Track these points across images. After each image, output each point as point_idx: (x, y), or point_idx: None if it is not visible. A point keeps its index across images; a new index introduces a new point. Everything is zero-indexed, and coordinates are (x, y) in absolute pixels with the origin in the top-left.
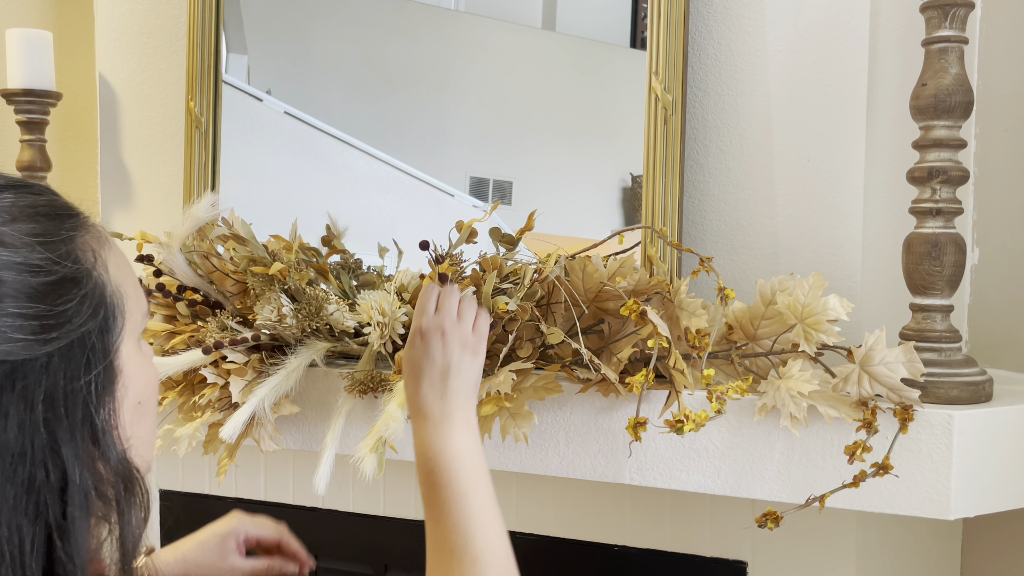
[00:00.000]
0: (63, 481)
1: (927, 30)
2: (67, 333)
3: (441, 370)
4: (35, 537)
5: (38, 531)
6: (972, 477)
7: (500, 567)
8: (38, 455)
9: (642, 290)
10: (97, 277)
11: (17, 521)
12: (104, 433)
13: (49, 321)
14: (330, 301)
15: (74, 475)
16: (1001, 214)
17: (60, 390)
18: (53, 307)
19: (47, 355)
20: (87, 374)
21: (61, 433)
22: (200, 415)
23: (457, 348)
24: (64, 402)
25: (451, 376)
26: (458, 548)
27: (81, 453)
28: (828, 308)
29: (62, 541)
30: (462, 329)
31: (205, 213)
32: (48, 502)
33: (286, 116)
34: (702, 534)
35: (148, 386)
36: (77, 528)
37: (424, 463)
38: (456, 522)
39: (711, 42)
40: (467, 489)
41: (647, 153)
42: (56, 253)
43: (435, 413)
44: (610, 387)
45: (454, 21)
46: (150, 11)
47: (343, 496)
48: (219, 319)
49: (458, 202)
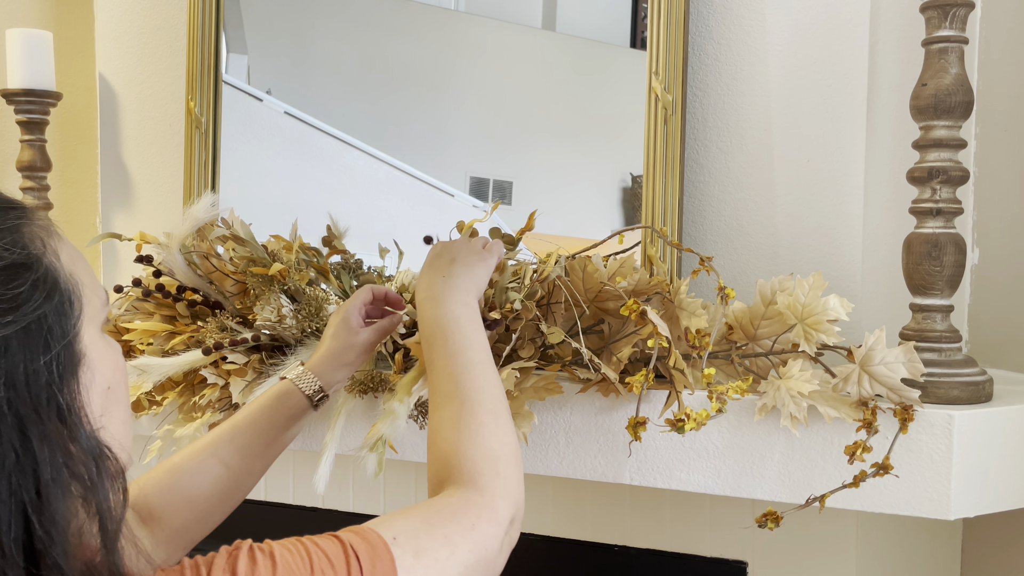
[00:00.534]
0: (33, 461)
1: (927, 30)
2: (22, 316)
3: (449, 260)
4: (11, 516)
5: (14, 510)
6: (972, 477)
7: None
8: (5, 437)
9: (642, 290)
10: (48, 263)
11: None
12: (71, 412)
13: (3, 305)
14: (330, 301)
15: (43, 454)
16: (1001, 214)
17: (21, 372)
18: (5, 291)
19: (4, 339)
20: (46, 354)
21: (26, 413)
22: (200, 415)
23: (465, 249)
24: (27, 384)
25: (456, 264)
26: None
27: (49, 432)
28: (828, 308)
29: (39, 519)
30: (473, 243)
31: (204, 213)
32: (21, 483)
33: (286, 116)
34: (702, 534)
35: (116, 371)
36: (52, 506)
37: (423, 332)
38: (450, 372)
39: (711, 42)
40: (462, 347)
41: (647, 153)
42: (3, 241)
43: (436, 291)
44: (610, 387)
45: (454, 21)
46: (150, 11)
47: (343, 496)
48: (219, 319)
49: (458, 202)
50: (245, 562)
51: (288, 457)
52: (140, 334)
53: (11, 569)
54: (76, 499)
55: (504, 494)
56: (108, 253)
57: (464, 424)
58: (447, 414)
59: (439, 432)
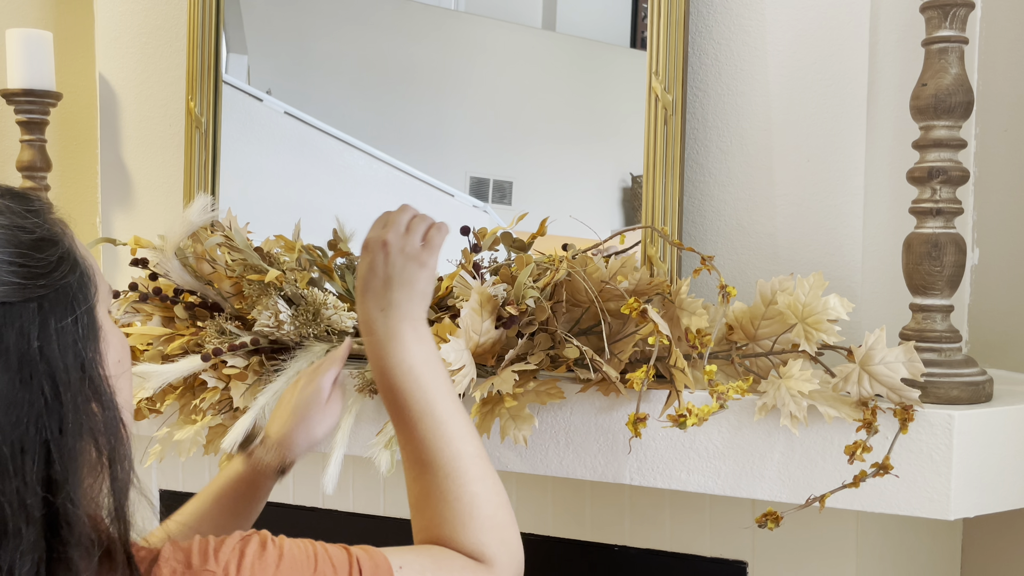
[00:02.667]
0: (59, 404)
1: (927, 30)
2: (52, 282)
3: (383, 281)
4: (36, 450)
5: (39, 445)
6: (972, 477)
7: (475, 471)
8: (36, 382)
9: (643, 290)
10: (68, 244)
11: (20, 436)
12: (92, 367)
13: (36, 270)
14: (327, 305)
15: (67, 399)
16: (1001, 214)
17: (51, 329)
18: (38, 258)
19: (38, 299)
20: (71, 315)
21: (55, 362)
22: (200, 418)
23: (399, 258)
24: (56, 339)
25: (393, 287)
26: (428, 462)
27: (73, 382)
28: (828, 308)
29: (59, 454)
30: (408, 239)
31: (199, 216)
32: (47, 422)
33: (286, 116)
34: (702, 534)
35: (124, 347)
36: (71, 445)
37: (379, 382)
38: (422, 438)
39: (711, 42)
40: (425, 405)
41: (647, 153)
42: (33, 219)
43: (379, 329)
44: (610, 387)
45: (454, 21)
46: (150, 11)
47: (343, 496)
48: (217, 322)
49: (458, 202)
50: (255, 547)
51: None
52: (139, 337)
53: (30, 496)
54: (91, 445)
55: (509, 559)
56: (109, 254)
57: (455, 499)
58: (432, 487)
59: (426, 506)
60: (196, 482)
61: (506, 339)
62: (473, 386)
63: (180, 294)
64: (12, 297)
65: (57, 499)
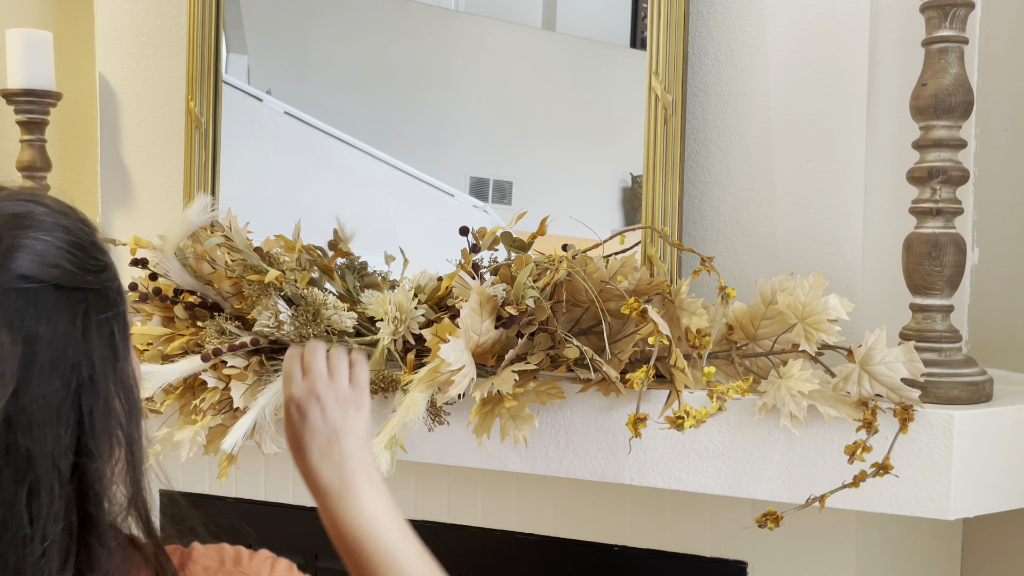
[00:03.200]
0: (93, 384)
1: (927, 30)
2: (99, 281)
3: (327, 437)
4: (70, 420)
5: (73, 416)
6: (972, 477)
7: None
8: (78, 359)
9: (643, 290)
10: (112, 260)
11: (60, 400)
12: (124, 360)
13: (88, 265)
14: (327, 305)
15: (100, 380)
16: (1001, 214)
17: (93, 319)
18: (91, 258)
19: (85, 290)
20: (111, 311)
21: (94, 346)
22: (200, 418)
23: (338, 409)
24: (96, 329)
25: (340, 440)
26: None
27: (107, 369)
28: (828, 308)
29: (91, 430)
30: (337, 386)
31: (198, 217)
32: (81, 395)
33: (286, 116)
34: (702, 534)
35: (138, 362)
36: (99, 426)
37: (339, 538)
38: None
39: (711, 42)
40: (391, 553)
41: (647, 153)
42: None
43: (335, 485)
44: (610, 386)
45: (454, 21)
46: (150, 11)
47: None
48: (217, 322)
49: (458, 202)
50: (284, 565)
51: (288, 457)
52: (139, 338)
53: (62, 459)
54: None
55: None
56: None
57: None
58: None
59: None
60: (196, 482)
61: (506, 339)
62: (473, 386)
63: (180, 294)
64: (66, 282)
65: (87, 468)
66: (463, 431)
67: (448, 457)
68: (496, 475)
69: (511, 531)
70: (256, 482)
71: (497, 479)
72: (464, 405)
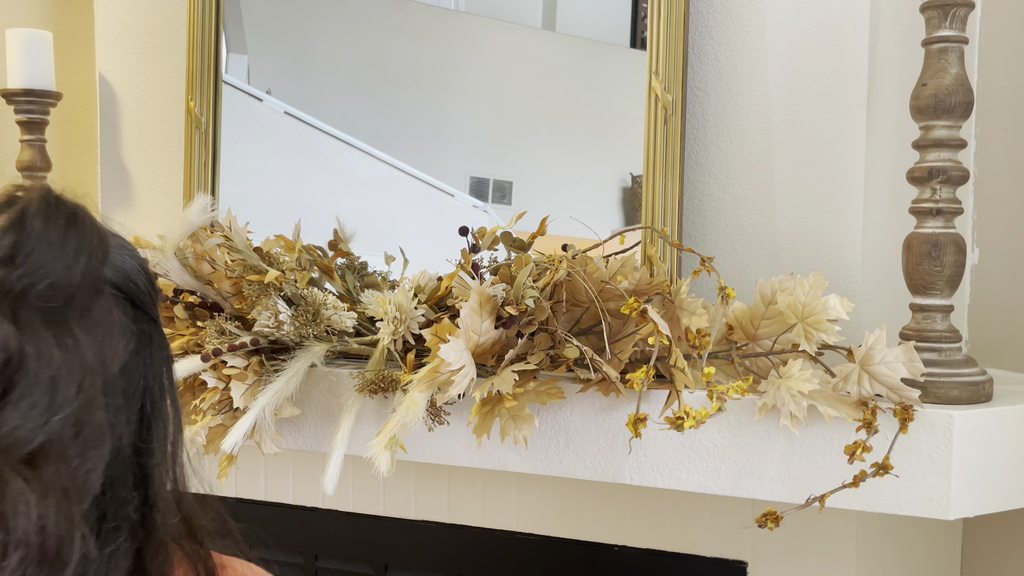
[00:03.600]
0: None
1: (927, 30)
2: (157, 313)
3: None
4: (135, 415)
5: (137, 411)
6: (972, 477)
7: None
8: (146, 368)
9: (643, 290)
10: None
11: (131, 394)
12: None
13: (154, 295)
14: (327, 305)
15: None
16: (1001, 214)
17: (155, 343)
18: (156, 289)
19: (151, 318)
20: (167, 350)
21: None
22: (200, 418)
23: None
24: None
25: None
26: None
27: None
28: (828, 307)
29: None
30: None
31: (198, 217)
32: (146, 398)
33: (286, 116)
34: (702, 534)
35: None
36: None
37: None
38: None
39: (711, 42)
40: None
41: (647, 153)
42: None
43: None
44: (610, 387)
45: (454, 21)
46: (150, 11)
47: (343, 496)
48: (217, 322)
49: (458, 202)
50: None
51: (288, 457)
52: None
53: (129, 422)
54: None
55: None
56: None
57: None
58: None
59: None
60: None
61: (506, 339)
62: (473, 386)
63: (180, 294)
64: (140, 302)
65: (149, 462)
66: (463, 431)
67: (448, 457)
68: (496, 475)
69: (511, 531)
70: (256, 482)
71: (497, 479)
72: (464, 405)
